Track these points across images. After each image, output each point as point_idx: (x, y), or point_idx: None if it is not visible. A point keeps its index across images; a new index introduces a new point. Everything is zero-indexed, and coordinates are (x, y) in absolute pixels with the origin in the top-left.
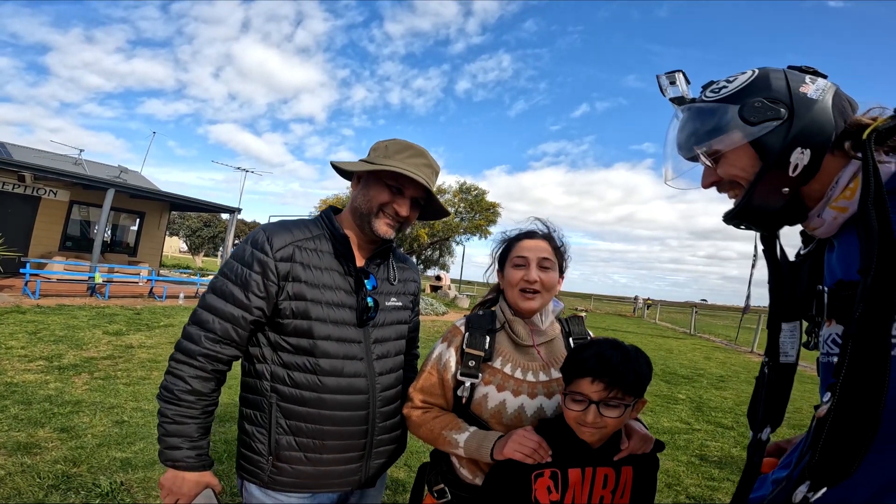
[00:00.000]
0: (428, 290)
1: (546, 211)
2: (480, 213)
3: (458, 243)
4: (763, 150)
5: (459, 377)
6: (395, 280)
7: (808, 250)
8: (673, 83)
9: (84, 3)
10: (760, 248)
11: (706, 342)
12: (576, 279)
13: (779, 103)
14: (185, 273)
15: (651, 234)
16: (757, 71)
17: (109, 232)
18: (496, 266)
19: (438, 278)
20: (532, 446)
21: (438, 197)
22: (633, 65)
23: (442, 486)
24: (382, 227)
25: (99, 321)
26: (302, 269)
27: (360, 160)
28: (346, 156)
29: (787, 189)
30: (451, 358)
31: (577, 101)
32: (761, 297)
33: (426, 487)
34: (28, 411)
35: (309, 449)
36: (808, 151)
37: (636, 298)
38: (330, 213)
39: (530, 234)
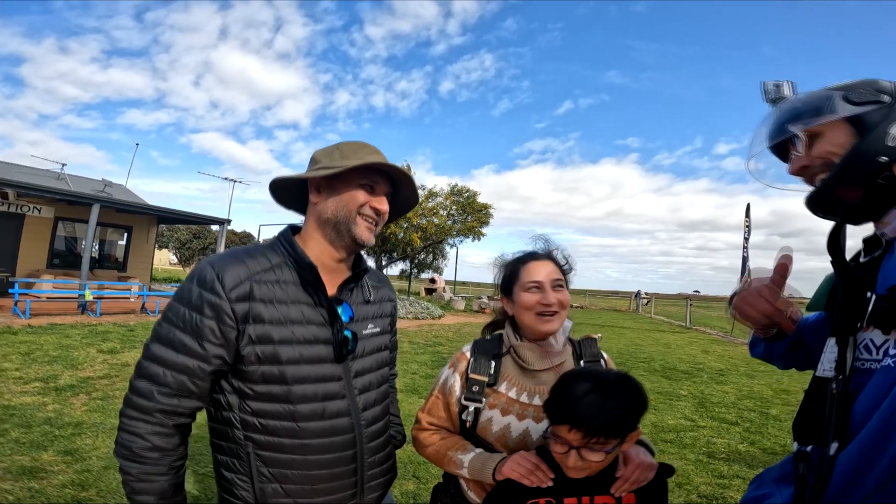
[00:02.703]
0: (423, 294)
1: (535, 209)
2: (472, 214)
3: (451, 246)
4: (862, 125)
5: (463, 402)
6: (371, 298)
7: (869, 259)
8: (778, 87)
9: (55, 14)
10: (829, 259)
11: (703, 335)
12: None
13: (883, 93)
14: (176, 286)
15: (640, 228)
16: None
17: (97, 248)
18: (500, 292)
19: (433, 281)
20: (529, 467)
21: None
22: (613, 61)
23: None
24: (364, 233)
25: (92, 339)
26: (264, 307)
27: (311, 170)
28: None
29: (885, 158)
30: (456, 383)
31: (561, 99)
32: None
33: None
34: (29, 434)
35: (298, 494)
36: None
37: (638, 293)
38: (289, 234)
39: (535, 256)
